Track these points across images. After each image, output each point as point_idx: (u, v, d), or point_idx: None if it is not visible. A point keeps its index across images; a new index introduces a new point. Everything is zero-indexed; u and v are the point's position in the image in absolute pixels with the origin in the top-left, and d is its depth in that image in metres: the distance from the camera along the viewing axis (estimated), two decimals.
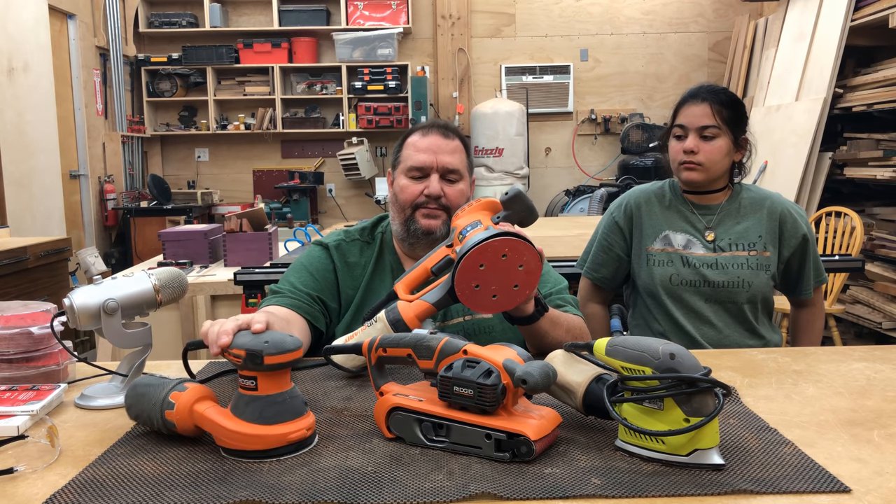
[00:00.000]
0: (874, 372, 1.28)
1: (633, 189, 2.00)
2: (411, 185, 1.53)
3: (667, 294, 1.85)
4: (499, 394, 0.91)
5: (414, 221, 1.53)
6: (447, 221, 1.52)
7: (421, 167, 1.52)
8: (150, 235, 5.78)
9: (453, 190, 1.53)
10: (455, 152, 1.54)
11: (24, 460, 0.96)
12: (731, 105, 1.83)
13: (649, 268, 1.87)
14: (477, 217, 1.26)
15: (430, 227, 1.52)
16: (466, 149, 1.58)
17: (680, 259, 1.85)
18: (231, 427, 0.94)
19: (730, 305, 1.83)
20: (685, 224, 1.89)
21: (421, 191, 1.52)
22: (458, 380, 0.93)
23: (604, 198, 5.90)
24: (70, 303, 1.17)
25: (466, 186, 1.57)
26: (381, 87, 6.41)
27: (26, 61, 4.61)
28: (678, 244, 1.87)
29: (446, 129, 1.57)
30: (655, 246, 1.88)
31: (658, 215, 1.91)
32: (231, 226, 3.26)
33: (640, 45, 6.70)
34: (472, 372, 0.92)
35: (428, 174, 1.52)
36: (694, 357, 0.91)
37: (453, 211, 1.52)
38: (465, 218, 1.27)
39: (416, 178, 1.53)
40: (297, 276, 1.54)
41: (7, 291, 3.33)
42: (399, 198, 1.54)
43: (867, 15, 4.30)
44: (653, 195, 1.94)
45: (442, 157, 1.52)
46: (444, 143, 1.53)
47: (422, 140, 1.54)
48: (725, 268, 1.83)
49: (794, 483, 0.84)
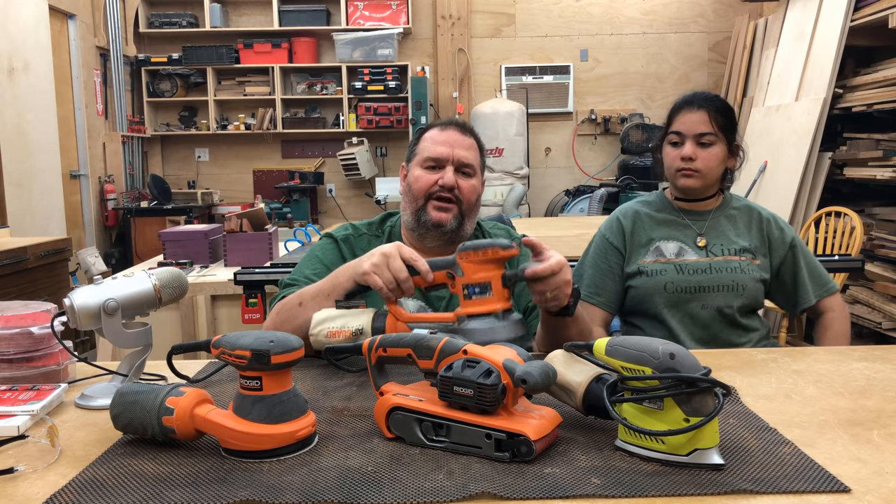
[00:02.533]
0: (874, 372, 1.28)
1: (620, 207, 1.99)
2: (426, 174, 1.57)
3: (662, 302, 1.84)
4: (499, 394, 0.91)
5: (425, 213, 1.56)
6: (458, 216, 1.56)
7: (437, 158, 1.56)
8: (150, 235, 5.78)
9: (467, 184, 1.57)
10: (471, 149, 1.59)
11: (25, 460, 0.96)
12: (726, 112, 1.85)
13: (643, 278, 1.85)
14: (488, 276, 1.20)
15: (440, 219, 1.55)
16: (481, 149, 1.63)
17: (673, 268, 1.84)
18: (239, 428, 0.94)
19: (725, 309, 1.82)
20: (675, 232, 1.89)
21: (435, 181, 1.55)
22: (458, 380, 0.93)
23: (604, 198, 5.90)
24: (70, 303, 1.17)
25: (479, 184, 1.61)
26: (381, 88, 6.41)
27: (26, 61, 4.61)
28: (670, 253, 1.86)
29: (464, 127, 1.62)
30: (647, 259, 1.87)
31: (648, 229, 1.90)
32: (231, 226, 3.26)
33: (640, 45, 6.70)
34: (472, 372, 0.92)
35: (444, 166, 1.56)
36: (694, 357, 0.91)
37: (464, 205, 1.56)
38: (475, 271, 1.20)
39: (432, 169, 1.57)
40: (312, 267, 1.57)
41: (7, 291, 3.33)
42: (413, 187, 1.58)
43: (867, 15, 4.30)
44: (640, 210, 1.93)
45: (458, 150, 1.56)
46: (461, 139, 1.58)
47: (440, 134, 1.59)
48: (720, 272, 1.82)
49: (794, 483, 0.85)
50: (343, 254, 1.60)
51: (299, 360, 0.97)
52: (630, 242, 1.90)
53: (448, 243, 1.58)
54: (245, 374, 0.96)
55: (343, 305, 1.30)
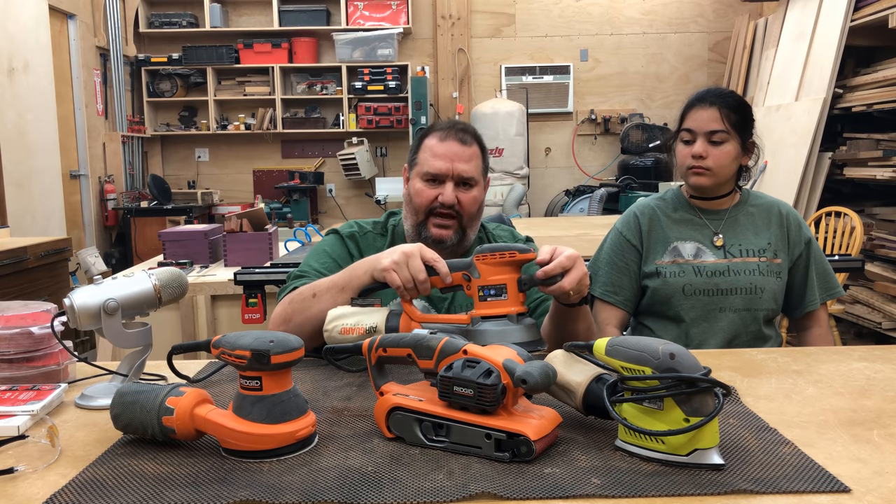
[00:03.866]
0: (874, 372, 1.28)
1: (637, 203, 1.96)
2: (426, 189, 1.55)
3: (679, 305, 1.82)
4: (499, 394, 0.91)
5: (426, 229, 1.56)
6: (459, 231, 1.56)
7: (436, 175, 1.54)
8: (150, 235, 5.78)
9: (467, 197, 1.55)
10: (472, 159, 1.56)
11: (25, 460, 0.96)
12: (739, 109, 1.81)
13: (661, 280, 1.83)
14: (504, 279, 1.21)
15: (441, 236, 1.55)
16: (483, 152, 1.60)
17: (692, 269, 1.82)
18: (240, 428, 0.94)
19: (744, 313, 1.80)
20: (693, 232, 1.86)
21: (435, 196, 1.54)
22: (459, 380, 0.93)
23: (603, 198, 5.90)
24: (70, 303, 1.17)
25: (480, 192, 1.59)
26: (381, 88, 6.41)
27: (26, 61, 4.61)
28: (688, 254, 1.84)
29: (465, 132, 1.57)
30: (665, 259, 1.85)
31: (665, 228, 1.88)
32: (231, 226, 3.26)
33: (639, 45, 6.70)
34: (472, 372, 0.93)
35: (443, 181, 1.54)
36: (694, 357, 0.91)
37: (465, 218, 1.56)
38: (492, 273, 1.21)
39: (431, 183, 1.55)
40: (320, 260, 1.57)
41: (7, 291, 3.33)
42: (414, 201, 1.57)
43: (867, 15, 4.30)
44: (657, 207, 1.91)
45: (458, 164, 1.54)
46: (462, 150, 1.55)
47: (439, 145, 1.55)
48: (738, 274, 1.80)
49: (794, 483, 0.85)
50: (350, 250, 1.60)
51: (299, 360, 0.97)
52: (647, 240, 1.88)
53: (449, 255, 1.57)
54: (245, 374, 0.96)
55: (358, 303, 1.31)
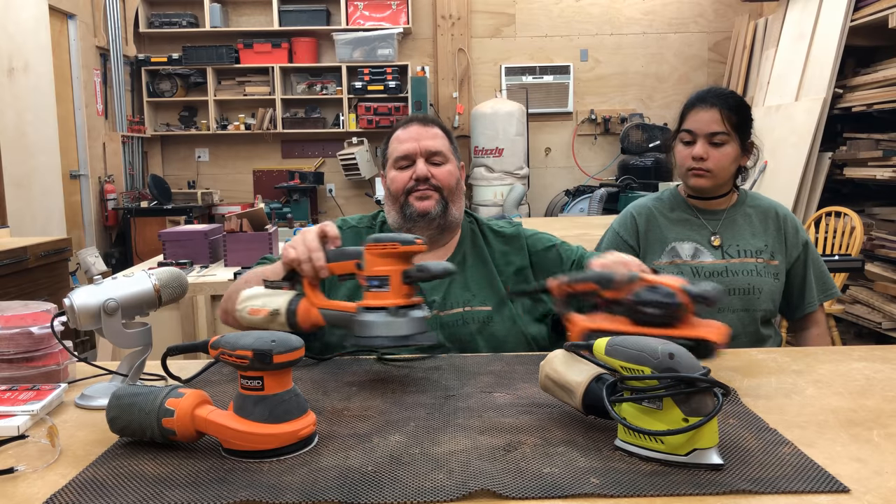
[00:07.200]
0: (874, 372, 1.28)
1: (633, 203, 1.96)
2: (400, 174, 1.59)
3: None
4: (683, 309, 1.10)
5: (409, 205, 1.57)
6: (440, 201, 1.57)
7: (406, 155, 1.58)
8: (150, 235, 5.78)
9: (441, 171, 1.58)
10: (436, 137, 1.61)
11: (25, 460, 0.95)
12: (739, 110, 1.81)
13: None
14: (387, 270, 1.19)
15: (425, 208, 1.56)
16: (448, 135, 1.64)
17: (690, 270, 1.82)
18: (242, 428, 0.94)
19: (742, 313, 1.80)
20: (690, 232, 1.86)
21: (410, 176, 1.57)
22: (647, 301, 1.11)
23: (603, 198, 5.90)
24: (70, 303, 1.17)
25: (454, 168, 1.62)
26: (381, 88, 6.41)
27: (26, 61, 4.61)
28: (686, 255, 1.84)
29: (425, 119, 1.64)
30: (662, 260, 1.84)
31: (663, 228, 1.88)
32: (231, 226, 3.26)
33: (640, 45, 6.70)
34: (656, 294, 1.11)
35: (414, 160, 1.58)
36: (693, 357, 0.92)
37: (445, 191, 1.57)
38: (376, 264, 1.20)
39: (404, 168, 1.59)
40: None
41: (7, 291, 3.33)
42: (391, 189, 1.60)
43: (867, 15, 4.30)
44: (654, 207, 1.91)
45: (424, 142, 1.58)
46: (425, 131, 1.60)
47: (403, 132, 1.61)
48: (736, 275, 1.80)
49: (794, 483, 0.85)
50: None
51: (301, 360, 0.97)
52: (644, 241, 1.88)
53: (439, 231, 1.58)
54: (246, 374, 0.96)
55: (270, 285, 1.31)
